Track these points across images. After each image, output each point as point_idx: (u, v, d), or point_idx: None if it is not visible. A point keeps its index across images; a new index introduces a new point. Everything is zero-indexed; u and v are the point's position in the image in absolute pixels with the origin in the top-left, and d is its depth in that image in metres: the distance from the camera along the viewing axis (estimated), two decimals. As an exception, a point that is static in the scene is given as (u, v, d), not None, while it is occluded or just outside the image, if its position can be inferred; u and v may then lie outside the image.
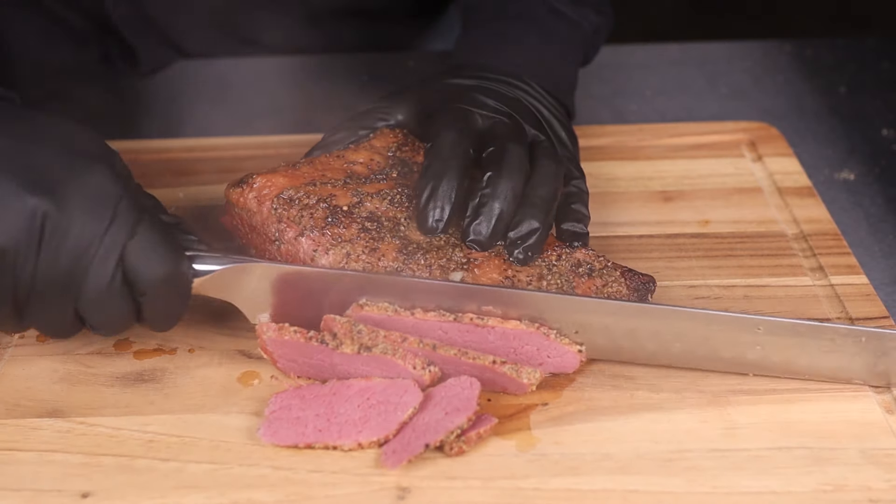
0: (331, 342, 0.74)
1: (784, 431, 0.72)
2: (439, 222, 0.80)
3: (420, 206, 0.80)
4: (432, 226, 0.80)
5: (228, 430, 0.73)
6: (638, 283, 0.79)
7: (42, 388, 0.77)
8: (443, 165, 0.81)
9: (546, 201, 0.80)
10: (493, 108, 0.86)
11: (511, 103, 0.87)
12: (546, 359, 0.76)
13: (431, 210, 0.80)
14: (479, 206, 0.80)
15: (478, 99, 0.86)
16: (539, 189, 0.81)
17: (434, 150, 0.82)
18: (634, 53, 1.27)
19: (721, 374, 0.77)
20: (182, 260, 0.74)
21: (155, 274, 0.72)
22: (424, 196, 0.80)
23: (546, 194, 0.81)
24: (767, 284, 0.86)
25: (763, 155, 1.02)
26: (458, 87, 0.89)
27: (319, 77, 1.21)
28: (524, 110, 0.87)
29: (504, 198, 0.79)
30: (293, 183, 0.82)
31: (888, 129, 1.10)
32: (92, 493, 0.69)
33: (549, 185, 0.81)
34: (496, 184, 0.80)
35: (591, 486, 0.69)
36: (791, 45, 1.27)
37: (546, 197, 0.80)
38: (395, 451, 0.70)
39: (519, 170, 0.81)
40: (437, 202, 0.80)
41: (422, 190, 0.80)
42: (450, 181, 0.80)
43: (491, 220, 0.79)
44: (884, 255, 0.93)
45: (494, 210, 0.79)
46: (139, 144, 1.05)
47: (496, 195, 0.79)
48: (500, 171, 0.80)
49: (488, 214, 0.79)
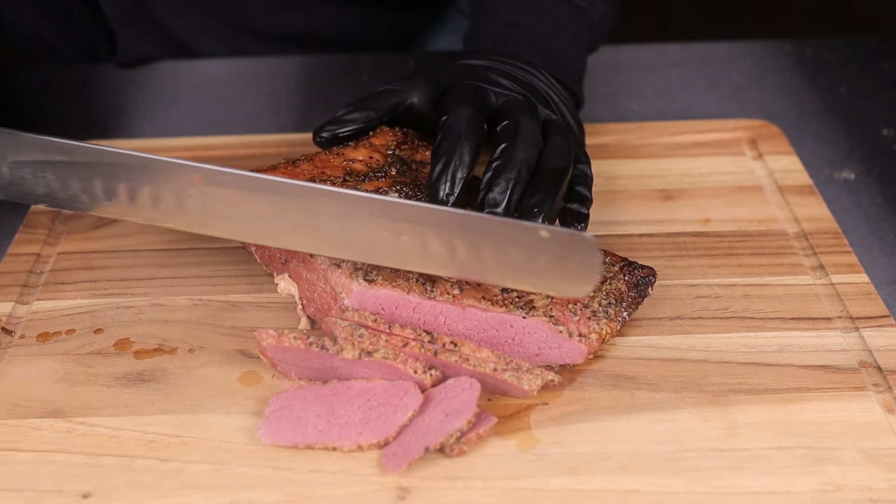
0: (331, 347, 0.74)
1: (784, 431, 0.72)
2: (450, 196, 0.79)
3: (432, 180, 0.80)
4: (443, 199, 0.79)
5: (229, 431, 0.73)
6: (638, 277, 0.80)
7: (42, 389, 0.77)
8: (455, 140, 0.80)
9: (560, 172, 0.80)
10: (507, 87, 0.86)
11: (524, 84, 0.87)
12: (550, 350, 0.76)
13: (443, 184, 0.79)
14: (492, 177, 0.79)
15: (491, 77, 0.86)
16: (552, 161, 0.80)
17: (447, 124, 0.81)
18: (634, 53, 1.27)
19: (721, 374, 0.77)
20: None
21: None
22: (437, 170, 0.80)
23: (559, 166, 0.80)
24: (768, 283, 0.86)
25: (764, 153, 1.02)
26: (471, 66, 0.89)
27: (319, 77, 1.21)
28: (536, 92, 0.88)
29: (517, 168, 0.79)
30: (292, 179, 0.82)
31: (888, 129, 1.10)
32: (92, 493, 0.69)
33: (562, 159, 0.81)
34: (510, 155, 0.79)
35: (591, 486, 0.69)
36: (791, 45, 1.27)
37: (559, 168, 0.80)
38: (396, 454, 0.70)
39: (533, 143, 0.80)
40: (449, 176, 0.80)
41: (434, 163, 0.80)
42: (462, 155, 0.80)
43: (506, 190, 0.78)
44: (884, 254, 0.93)
45: (509, 179, 0.78)
46: (139, 144, 1.05)
47: (510, 165, 0.79)
48: (515, 143, 0.80)
49: (502, 185, 0.78)
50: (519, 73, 0.89)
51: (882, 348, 0.79)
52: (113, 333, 0.81)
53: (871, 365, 0.78)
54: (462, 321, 0.76)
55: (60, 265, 0.89)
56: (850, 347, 0.79)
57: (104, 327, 0.82)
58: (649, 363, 0.78)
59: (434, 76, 0.89)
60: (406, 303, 0.76)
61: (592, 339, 0.76)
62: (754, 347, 0.79)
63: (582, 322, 0.77)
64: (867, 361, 0.78)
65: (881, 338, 0.80)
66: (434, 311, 0.76)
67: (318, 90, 1.19)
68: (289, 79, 1.21)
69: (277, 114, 1.15)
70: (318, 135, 0.88)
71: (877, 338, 0.80)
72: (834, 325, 0.81)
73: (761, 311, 0.83)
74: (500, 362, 0.74)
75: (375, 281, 0.76)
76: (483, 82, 0.86)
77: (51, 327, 0.82)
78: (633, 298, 0.79)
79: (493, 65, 0.89)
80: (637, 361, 0.78)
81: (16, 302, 0.85)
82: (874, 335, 0.80)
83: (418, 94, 0.89)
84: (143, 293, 0.85)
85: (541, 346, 0.76)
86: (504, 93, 0.85)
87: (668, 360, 0.78)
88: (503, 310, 0.76)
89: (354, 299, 0.76)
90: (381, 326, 0.75)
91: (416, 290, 0.76)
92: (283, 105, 1.16)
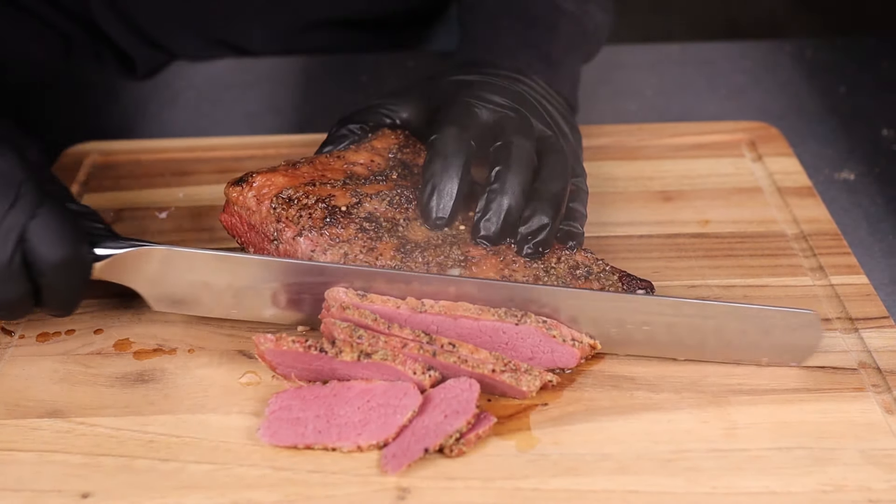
0: (330, 350, 0.74)
1: (784, 431, 0.72)
2: (442, 218, 0.80)
3: (422, 203, 0.80)
4: (435, 221, 0.80)
5: (228, 431, 0.73)
6: (635, 288, 0.79)
7: (42, 389, 0.77)
8: (444, 161, 0.80)
9: (556, 196, 0.80)
10: (499, 104, 0.86)
11: (516, 98, 0.87)
12: (543, 354, 0.76)
13: (433, 206, 0.80)
14: (487, 202, 0.79)
15: (483, 94, 0.86)
16: (549, 184, 0.81)
17: (436, 144, 0.82)
18: (634, 53, 1.27)
19: (721, 374, 0.77)
20: (82, 242, 0.75)
21: (54, 255, 0.72)
22: (426, 192, 0.80)
23: (556, 189, 0.80)
24: (767, 284, 0.86)
25: (763, 155, 1.02)
26: (462, 83, 0.89)
27: (319, 77, 1.21)
28: (529, 105, 0.87)
29: (512, 193, 0.79)
30: (293, 182, 0.82)
31: (888, 129, 1.10)
32: (92, 493, 0.69)
33: (559, 181, 0.81)
34: (504, 179, 0.79)
35: (590, 486, 0.69)
36: (791, 45, 1.27)
37: (556, 192, 0.80)
38: (395, 455, 0.70)
39: (527, 165, 0.81)
40: (440, 198, 0.80)
41: (423, 185, 0.80)
42: (451, 177, 0.80)
43: (500, 216, 0.79)
44: (883, 254, 0.93)
45: (503, 206, 0.79)
46: (139, 144, 1.05)
47: (504, 190, 0.79)
48: (509, 166, 0.80)
49: (497, 210, 0.79)
50: (511, 86, 0.88)
51: (881, 349, 0.79)
52: (113, 334, 0.81)
53: (870, 366, 0.78)
54: (454, 329, 0.76)
55: (60, 265, 0.89)
56: (850, 348, 0.79)
57: (104, 327, 0.82)
58: (649, 363, 0.78)
59: (425, 93, 0.90)
60: (397, 316, 0.76)
61: (585, 343, 0.76)
62: (754, 348, 0.79)
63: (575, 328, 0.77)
64: (866, 362, 0.78)
65: (880, 339, 0.80)
66: (425, 322, 0.76)
67: (318, 90, 1.19)
68: (289, 79, 1.21)
69: (277, 114, 1.15)
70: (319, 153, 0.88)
71: (876, 339, 0.80)
72: (833, 326, 0.81)
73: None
74: (498, 363, 0.74)
75: (367, 296, 0.76)
76: (474, 99, 0.86)
77: (50, 327, 0.82)
78: None
79: (484, 79, 0.88)
80: (637, 362, 0.78)
81: (16, 302, 0.85)
82: (873, 336, 0.80)
83: (409, 110, 0.89)
84: (143, 293, 0.85)
85: (534, 350, 0.76)
86: (496, 109, 0.85)
87: (667, 361, 0.78)
88: (495, 318, 0.76)
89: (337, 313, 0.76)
90: (381, 327, 0.75)
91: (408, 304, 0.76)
92: (283, 105, 1.16)
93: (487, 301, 0.76)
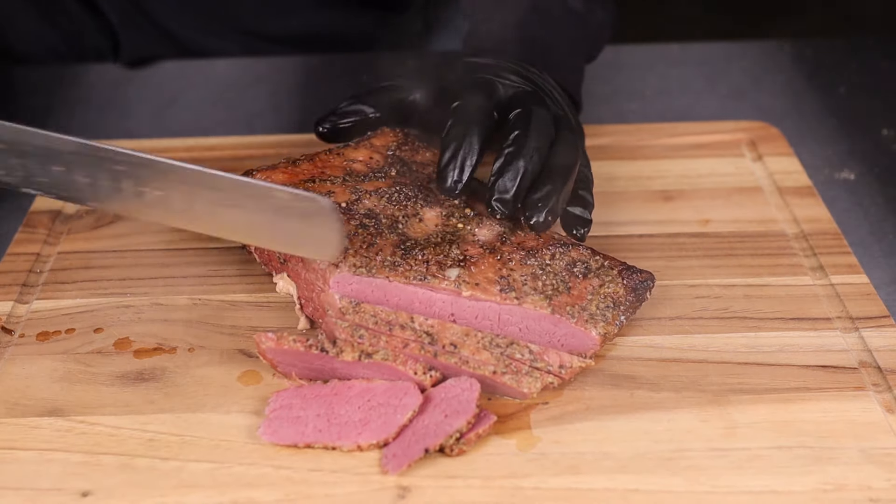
0: (331, 349, 0.74)
1: (784, 431, 0.72)
2: (458, 183, 0.79)
3: (440, 167, 0.79)
4: (451, 186, 0.79)
5: (228, 429, 0.73)
6: (636, 281, 0.79)
7: (42, 387, 0.77)
8: (465, 127, 0.80)
9: (567, 169, 0.80)
10: (515, 81, 0.86)
11: (530, 80, 0.87)
12: (560, 340, 0.76)
13: (451, 171, 0.79)
14: (504, 163, 0.79)
15: (499, 72, 0.86)
16: (561, 157, 0.80)
17: (457, 111, 0.81)
18: (634, 53, 1.27)
19: (721, 374, 0.77)
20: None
21: None
22: (446, 157, 0.79)
23: (567, 162, 0.80)
24: (768, 284, 0.86)
25: (763, 154, 1.02)
26: (476, 63, 0.89)
27: (319, 77, 1.21)
28: (542, 89, 0.87)
29: (529, 156, 0.79)
30: (292, 179, 0.82)
31: (888, 129, 1.10)
32: (92, 492, 0.69)
33: (572, 155, 0.81)
34: (523, 143, 0.79)
35: (591, 485, 0.69)
36: (791, 45, 1.27)
37: (568, 164, 0.80)
38: (396, 455, 0.70)
39: (546, 132, 0.80)
40: (457, 163, 0.79)
41: (443, 150, 0.80)
42: (471, 142, 0.79)
43: (516, 177, 0.78)
44: (884, 254, 0.93)
45: (520, 167, 0.78)
46: (139, 144, 1.05)
47: (522, 153, 0.79)
48: (528, 130, 0.80)
49: (514, 171, 0.78)
50: (524, 71, 0.89)
51: (882, 348, 0.79)
52: (113, 332, 0.81)
53: (870, 365, 0.78)
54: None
55: (60, 265, 0.89)
56: (850, 347, 0.79)
57: (104, 326, 0.82)
58: (649, 363, 0.78)
59: (438, 73, 0.89)
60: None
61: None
62: (754, 347, 0.79)
63: (579, 324, 0.77)
64: (867, 361, 0.78)
65: (881, 338, 0.80)
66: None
67: (318, 90, 1.19)
68: (289, 79, 1.21)
69: (277, 114, 1.15)
70: (320, 126, 0.88)
71: (876, 338, 0.80)
72: (834, 326, 0.81)
73: (761, 311, 0.83)
74: (499, 365, 0.74)
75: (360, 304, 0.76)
76: (491, 76, 0.86)
77: (50, 326, 0.82)
78: (630, 302, 0.79)
79: (498, 62, 0.88)
80: (637, 361, 0.78)
81: (15, 301, 0.85)
82: (874, 335, 0.80)
83: (421, 90, 0.89)
84: (143, 293, 0.85)
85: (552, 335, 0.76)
86: (513, 85, 0.85)
87: (667, 360, 0.78)
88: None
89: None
90: (382, 328, 0.75)
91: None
92: (283, 105, 1.16)
93: None
